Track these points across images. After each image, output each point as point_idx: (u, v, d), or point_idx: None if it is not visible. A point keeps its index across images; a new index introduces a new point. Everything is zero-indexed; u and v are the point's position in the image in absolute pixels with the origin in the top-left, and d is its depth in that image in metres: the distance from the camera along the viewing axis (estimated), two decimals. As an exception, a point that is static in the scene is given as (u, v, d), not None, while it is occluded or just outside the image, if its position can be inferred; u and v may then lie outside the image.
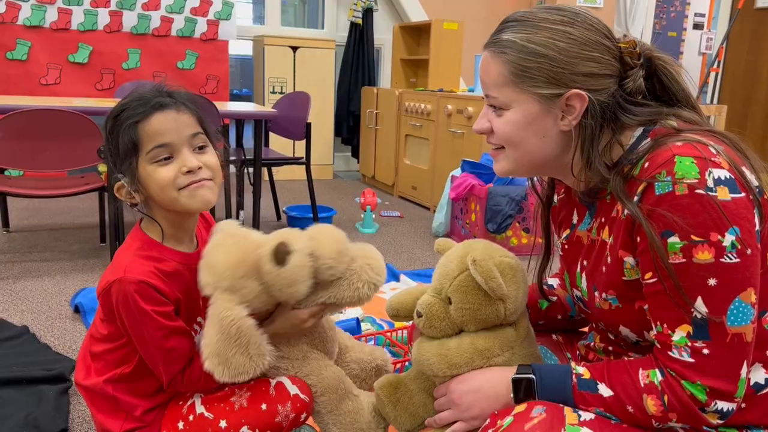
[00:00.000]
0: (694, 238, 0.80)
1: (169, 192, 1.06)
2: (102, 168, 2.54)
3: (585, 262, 1.02)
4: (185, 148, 1.07)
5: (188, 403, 1.13)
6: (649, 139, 0.91)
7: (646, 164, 0.87)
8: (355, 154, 5.33)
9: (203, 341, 1.03)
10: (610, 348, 1.05)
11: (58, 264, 2.62)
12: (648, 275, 0.86)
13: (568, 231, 1.10)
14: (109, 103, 3.07)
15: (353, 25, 5.08)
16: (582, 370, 0.92)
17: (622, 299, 0.94)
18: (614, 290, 0.94)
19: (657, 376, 0.86)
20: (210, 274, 1.05)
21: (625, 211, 0.88)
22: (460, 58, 4.63)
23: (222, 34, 4.52)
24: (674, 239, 0.81)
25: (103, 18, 4.18)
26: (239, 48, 5.23)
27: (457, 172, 3.30)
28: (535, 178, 1.14)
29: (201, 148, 1.10)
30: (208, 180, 1.09)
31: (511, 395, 0.96)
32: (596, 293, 0.97)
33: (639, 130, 0.93)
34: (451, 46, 4.57)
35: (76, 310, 2.13)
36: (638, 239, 0.87)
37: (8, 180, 2.72)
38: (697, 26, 6.47)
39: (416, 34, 4.95)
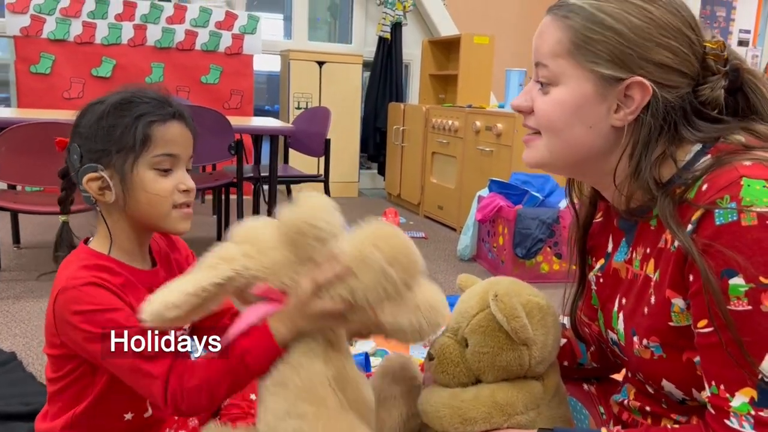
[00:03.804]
0: (763, 280, 0.67)
1: (162, 205, 0.99)
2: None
3: (624, 301, 0.87)
4: (184, 166, 1.02)
5: None
6: (708, 156, 0.75)
7: (705, 186, 0.72)
8: (381, 171, 5.20)
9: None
10: (648, 408, 0.89)
11: (62, 283, 2.52)
12: (702, 323, 0.72)
13: (602, 261, 0.95)
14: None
15: (381, 39, 4.98)
16: None
17: (666, 348, 0.78)
18: (657, 336, 0.78)
19: None
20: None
21: (676, 242, 0.73)
22: (490, 73, 4.49)
23: (247, 48, 4.46)
24: (737, 280, 0.68)
25: (128, 32, 4.16)
26: (269, 64, 5.18)
27: (485, 192, 3.13)
28: (573, 193, 1.00)
29: (187, 171, 1.04)
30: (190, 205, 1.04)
31: None
32: (635, 338, 0.82)
33: (697, 146, 0.77)
34: (481, 60, 4.43)
35: (71, 335, 2.01)
36: (691, 278, 0.71)
37: (16, 196, 2.65)
38: (742, 43, 6.26)
39: (446, 48, 4.82)
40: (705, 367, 0.74)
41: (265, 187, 2.85)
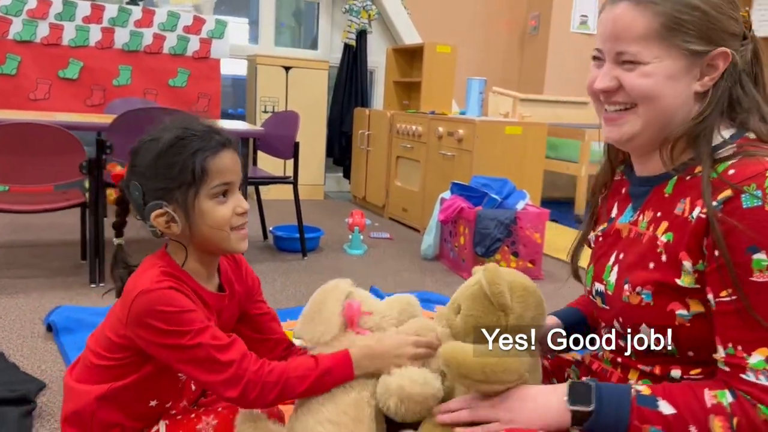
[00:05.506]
0: None
1: (223, 230, 1.06)
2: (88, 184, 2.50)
3: (621, 255, 0.99)
4: (237, 189, 1.09)
5: (153, 430, 1.10)
6: (734, 145, 0.88)
7: (731, 171, 0.84)
8: (347, 174, 5.30)
9: None
10: (619, 359, 1.01)
11: (35, 281, 2.56)
12: (724, 293, 0.83)
13: (604, 225, 1.07)
14: (96, 118, 3.03)
15: (347, 46, 5.09)
16: (642, 387, 0.89)
17: (657, 296, 0.90)
18: (653, 286, 0.90)
19: (727, 397, 0.82)
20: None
21: (694, 213, 0.85)
22: (452, 81, 4.63)
23: (215, 52, 4.51)
24: (761, 256, 0.79)
25: (95, 34, 4.16)
26: (234, 68, 5.23)
27: (447, 194, 3.27)
28: (611, 151, 1.10)
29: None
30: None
31: (565, 398, 0.90)
32: (626, 286, 0.94)
33: (732, 131, 0.90)
34: (443, 69, 4.57)
35: (49, 328, 2.06)
36: (716, 252, 0.83)
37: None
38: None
39: (410, 56, 4.95)
40: (722, 331, 0.84)
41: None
